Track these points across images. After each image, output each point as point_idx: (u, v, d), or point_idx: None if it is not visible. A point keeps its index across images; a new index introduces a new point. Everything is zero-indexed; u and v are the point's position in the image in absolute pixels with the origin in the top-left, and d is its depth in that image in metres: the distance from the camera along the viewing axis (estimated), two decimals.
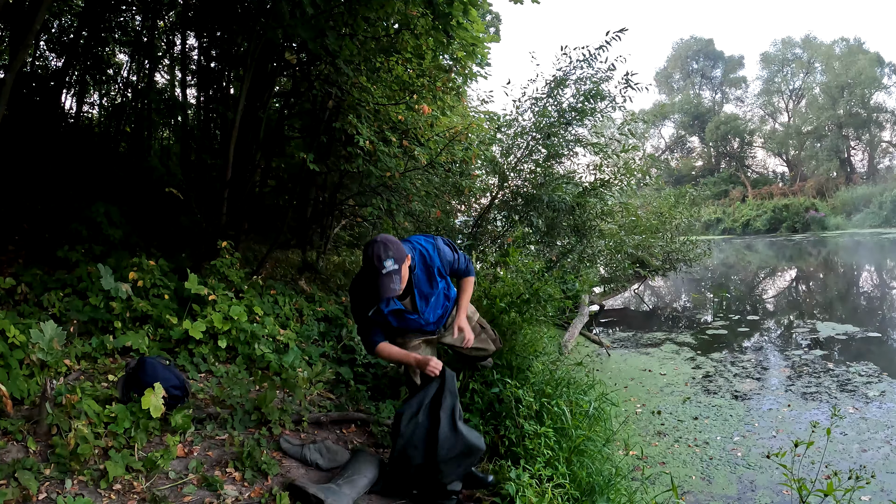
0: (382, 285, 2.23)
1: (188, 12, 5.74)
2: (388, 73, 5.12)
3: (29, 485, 2.01)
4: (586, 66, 6.50)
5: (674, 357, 6.69)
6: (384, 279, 2.23)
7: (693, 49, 41.88)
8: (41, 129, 5.49)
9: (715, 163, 40.40)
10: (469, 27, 4.48)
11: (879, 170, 33.54)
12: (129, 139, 6.76)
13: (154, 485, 2.26)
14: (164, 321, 3.55)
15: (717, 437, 4.29)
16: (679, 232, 11.19)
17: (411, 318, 2.56)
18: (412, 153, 5.25)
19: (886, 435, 4.18)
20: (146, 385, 2.56)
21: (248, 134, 4.91)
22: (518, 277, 4.12)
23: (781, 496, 3.37)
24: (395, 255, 2.25)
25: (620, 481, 2.96)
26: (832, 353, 6.60)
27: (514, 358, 3.62)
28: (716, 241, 18.56)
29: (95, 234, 4.18)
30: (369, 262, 2.24)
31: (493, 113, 7.22)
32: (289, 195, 6.29)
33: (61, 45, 6.33)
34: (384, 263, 2.22)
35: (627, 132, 7.56)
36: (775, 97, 38.92)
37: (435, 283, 2.55)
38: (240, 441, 2.66)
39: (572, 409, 3.22)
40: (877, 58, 32.00)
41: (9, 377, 2.55)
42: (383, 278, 2.23)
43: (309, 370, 3.38)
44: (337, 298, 5.38)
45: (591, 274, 7.93)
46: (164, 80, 7.32)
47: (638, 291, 12.03)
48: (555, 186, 6.78)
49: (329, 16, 4.09)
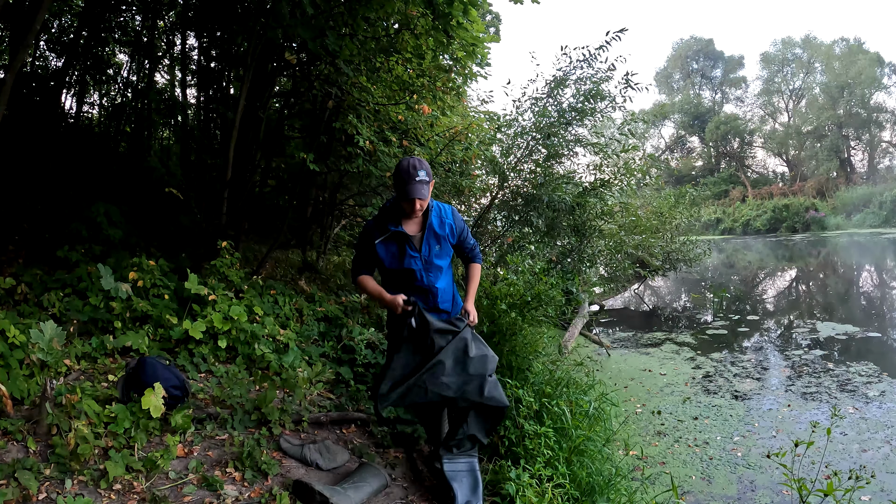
0: (413, 187, 2.36)
1: (188, 12, 5.74)
2: (388, 73, 5.12)
3: (29, 485, 2.01)
4: (586, 66, 6.50)
5: (674, 357, 6.69)
6: (416, 183, 2.37)
7: (693, 49, 41.87)
8: (41, 129, 5.49)
9: (715, 163, 40.40)
10: (469, 27, 4.48)
11: (879, 170, 33.54)
12: (129, 139, 6.76)
13: (154, 485, 2.26)
14: (164, 321, 3.55)
15: (717, 437, 4.29)
16: (679, 232, 11.20)
17: (412, 256, 2.54)
18: (412, 153, 5.24)
19: (886, 435, 4.18)
20: (146, 385, 2.56)
21: (248, 134, 4.91)
22: (519, 278, 4.11)
23: (781, 496, 3.37)
24: (426, 170, 2.42)
25: (620, 481, 2.96)
26: (832, 353, 6.59)
27: (514, 358, 3.62)
28: (716, 241, 18.56)
29: (95, 234, 4.18)
30: (403, 170, 2.38)
31: (493, 113, 7.22)
32: (289, 195, 6.29)
33: (61, 45, 6.33)
34: (418, 172, 2.38)
35: (627, 132, 7.56)
36: (775, 97, 38.92)
37: (444, 239, 2.59)
38: (240, 441, 2.66)
39: (572, 409, 3.22)
40: (877, 58, 32.01)
41: (9, 377, 2.55)
42: (415, 182, 2.36)
43: (309, 370, 3.39)
44: (337, 298, 5.38)
45: (591, 275, 7.92)
46: (164, 80, 7.32)
47: (638, 291, 12.03)
48: (555, 186, 6.78)
49: (329, 16, 4.09)
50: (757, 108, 40.01)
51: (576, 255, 7.66)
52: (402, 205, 2.47)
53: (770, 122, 39.41)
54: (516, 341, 3.74)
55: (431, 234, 2.55)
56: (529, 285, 3.92)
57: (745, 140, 38.80)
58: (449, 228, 2.60)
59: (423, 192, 2.39)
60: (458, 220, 2.65)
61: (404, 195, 2.40)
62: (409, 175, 2.37)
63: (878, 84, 32.29)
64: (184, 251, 4.85)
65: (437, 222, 2.57)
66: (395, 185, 2.45)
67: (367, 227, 2.60)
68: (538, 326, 4.78)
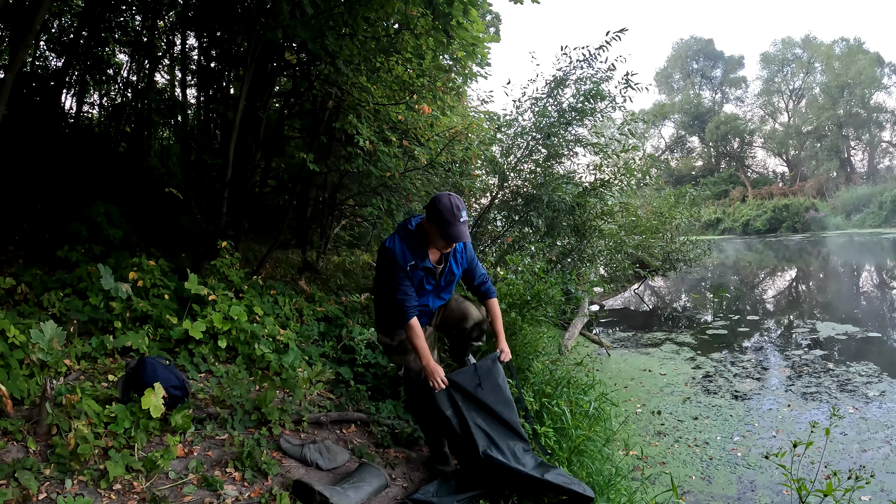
0: (459, 230, 2.35)
1: (188, 12, 5.75)
2: (388, 73, 5.12)
3: (29, 485, 2.01)
4: (586, 66, 6.51)
5: (674, 357, 6.69)
6: (461, 225, 2.35)
7: (693, 49, 41.87)
8: (41, 129, 5.49)
9: (715, 163, 40.40)
10: (469, 27, 4.48)
11: (879, 170, 33.56)
12: (129, 139, 6.77)
13: (154, 485, 2.26)
14: (164, 321, 3.55)
15: (717, 437, 4.28)
16: (679, 232, 11.19)
17: (429, 284, 2.55)
18: (412, 153, 5.25)
19: (886, 435, 4.18)
20: (146, 385, 2.56)
21: (248, 134, 4.92)
22: (519, 278, 4.12)
23: (781, 496, 3.37)
24: (465, 209, 2.40)
25: (620, 481, 2.96)
26: (832, 353, 6.59)
27: (515, 358, 3.62)
28: (716, 241, 18.53)
29: (95, 234, 4.18)
30: (447, 210, 2.33)
31: (493, 113, 7.22)
32: (289, 195, 6.30)
33: (61, 45, 6.33)
34: (462, 213, 2.35)
35: (627, 132, 7.56)
36: (775, 97, 38.93)
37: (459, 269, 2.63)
38: (240, 441, 2.66)
39: (572, 409, 3.22)
40: (877, 58, 32.03)
41: (9, 377, 2.55)
42: (461, 225, 2.35)
43: (309, 370, 3.38)
44: (337, 298, 5.38)
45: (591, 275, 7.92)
46: (164, 80, 7.32)
47: (638, 291, 12.03)
48: (555, 186, 6.78)
49: (329, 16, 4.09)
50: (757, 108, 40.06)
51: (576, 255, 7.66)
52: (436, 241, 2.43)
53: (770, 122, 39.44)
54: (516, 341, 3.74)
55: (451, 269, 2.59)
56: (529, 285, 3.92)
57: (745, 140, 38.80)
58: (462, 257, 2.64)
59: (467, 235, 2.40)
60: (470, 247, 2.69)
61: (449, 238, 2.36)
62: (454, 217, 2.33)
63: (878, 84, 32.32)
64: (184, 251, 4.85)
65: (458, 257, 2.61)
66: (435, 222, 2.36)
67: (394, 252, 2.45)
68: (538, 326, 4.78)
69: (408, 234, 2.49)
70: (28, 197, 4.72)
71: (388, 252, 2.47)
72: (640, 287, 12.27)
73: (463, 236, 2.36)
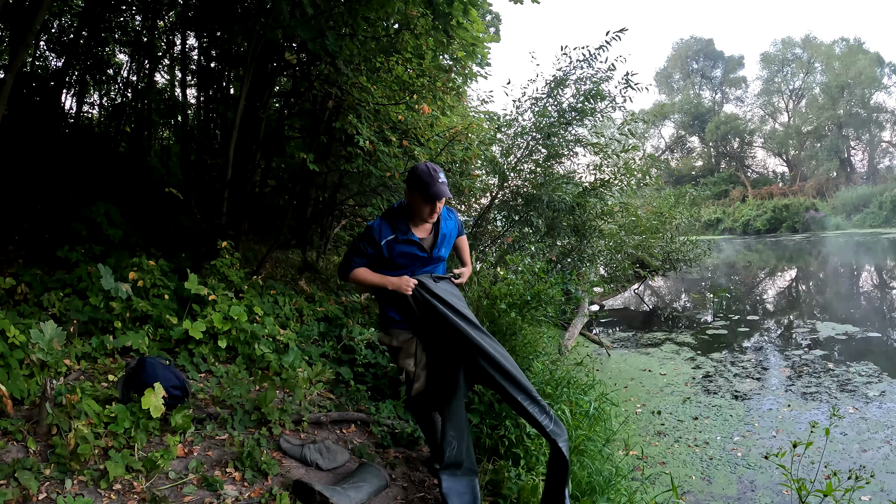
0: (438, 188, 2.37)
1: (188, 12, 5.74)
2: (388, 73, 5.12)
3: (29, 485, 2.01)
4: (586, 66, 6.51)
5: (674, 357, 6.69)
6: (439, 184, 2.38)
7: (693, 49, 41.86)
8: (41, 129, 5.48)
9: (715, 163, 40.39)
10: (469, 27, 4.48)
11: (879, 170, 33.56)
12: (129, 139, 6.76)
13: (154, 485, 2.26)
14: (164, 321, 3.55)
15: (717, 437, 4.29)
16: (679, 232, 11.20)
17: (420, 257, 2.54)
18: (412, 153, 5.24)
19: (886, 435, 4.18)
20: (146, 385, 2.56)
21: (248, 134, 4.91)
22: (519, 278, 4.11)
23: (781, 496, 3.37)
24: (443, 172, 2.43)
25: (620, 481, 2.96)
26: (832, 353, 6.59)
27: (515, 358, 3.61)
28: (716, 241, 18.55)
29: (95, 234, 4.18)
30: (423, 173, 2.38)
31: (493, 113, 7.23)
32: (289, 195, 6.30)
33: (61, 45, 6.33)
34: (439, 174, 2.40)
35: (627, 132, 7.56)
36: (775, 97, 38.91)
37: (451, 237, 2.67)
38: (240, 441, 2.66)
39: (572, 410, 3.22)
40: (877, 58, 32.02)
41: (9, 377, 2.55)
42: (438, 183, 2.37)
43: (309, 370, 3.38)
44: (337, 298, 5.38)
45: (592, 275, 7.92)
46: (164, 80, 7.32)
47: (638, 291, 12.03)
48: (555, 186, 6.78)
49: (329, 16, 4.08)
50: (757, 108, 40.03)
51: (576, 255, 7.66)
52: (420, 208, 2.44)
53: (770, 122, 39.42)
54: (516, 341, 3.74)
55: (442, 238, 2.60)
56: (529, 285, 3.92)
57: (745, 140, 38.80)
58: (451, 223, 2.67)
59: (448, 192, 2.42)
60: (456, 216, 2.75)
61: (429, 196, 2.38)
62: (431, 177, 2.38)
63: (878, 84, 32.31)
64: (184, 251, 4.85)
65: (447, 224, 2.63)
66: (416, 187, 2.40)
67: (371, 227, 2.54)
68: (538, 326, 4.78)
69: (391, 212, 2.55)
70: (28, 197, 4.71)
71: (366, 229, 2.57)
72: (640, 287, 12.27)
73: (443, 193, 2.40)
